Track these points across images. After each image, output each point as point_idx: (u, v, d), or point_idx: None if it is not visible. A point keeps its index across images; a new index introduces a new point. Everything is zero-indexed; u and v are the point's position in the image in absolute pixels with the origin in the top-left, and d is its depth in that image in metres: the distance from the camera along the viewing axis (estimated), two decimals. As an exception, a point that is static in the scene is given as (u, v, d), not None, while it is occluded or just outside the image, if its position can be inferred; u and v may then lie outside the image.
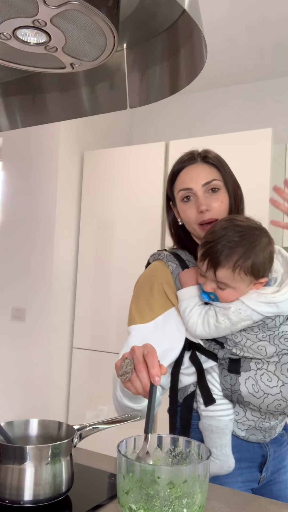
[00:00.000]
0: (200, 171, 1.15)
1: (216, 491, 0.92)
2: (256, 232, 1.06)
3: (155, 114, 3.15)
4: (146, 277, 1.21)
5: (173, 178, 1.20)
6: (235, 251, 1.02)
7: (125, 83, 1.00)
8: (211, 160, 1.17)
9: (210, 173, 1.15)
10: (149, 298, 1.15)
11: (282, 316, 1.04)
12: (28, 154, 2.76)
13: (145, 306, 1.15)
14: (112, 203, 2.69)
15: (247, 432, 1.10)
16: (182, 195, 1.16)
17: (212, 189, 1.14)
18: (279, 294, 1.03)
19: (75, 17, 0.73)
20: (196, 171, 1.15)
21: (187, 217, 1.16)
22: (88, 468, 1.00)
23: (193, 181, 1.14)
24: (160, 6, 0.84)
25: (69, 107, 1.11)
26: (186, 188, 1.15)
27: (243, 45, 2.52)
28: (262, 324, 1.04)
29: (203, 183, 1.14)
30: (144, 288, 1.18)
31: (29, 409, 2.63)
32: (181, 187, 1.16)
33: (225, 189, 1.17)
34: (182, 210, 1.18)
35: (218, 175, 1.16)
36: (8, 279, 2.78)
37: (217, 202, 1.14)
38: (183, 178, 1.17)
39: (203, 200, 1.13)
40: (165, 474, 0.69)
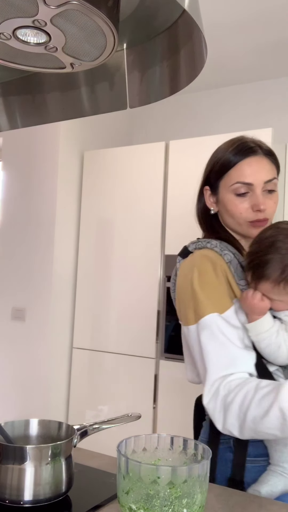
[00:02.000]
0: (264, 166, 1.07)
1: (216, 491, 0.92)
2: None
3: (155, 114, 3.15)
4: (204, 264, 1.06)
5: (227, 166, 1.09)
6: (281, 264, 0.95)
7: (125, 83, 1.00)
8: (268, 154, 1.09)
9: (272, 170, 1.08)
10: (217, 285, 1.04)
11: None
12: (28, 154, 2.76)
13: (216, 293, 1.03)
14: (112, 203, 2.69)
15: None
16: (237, 188, 1.07)
17: (269, 190, 1.08)
18: None
19: (75, 17, 0.73)
20: (260, 165, 1.07)
21: (237, 211, 1.09)
22: (88, 468, 1.00)
23: (256, 176, 1.06)
24: (160, 6, 0.84)
25: (69, 107, 1.11)
26: (246, 182, 1.06)
27: (243, 45, 2.52)
28: None
29: (266, 180, 1.06)
30: (207, 275, 1.04)
31: (29, 409, 2.63)
32: (239, 179, 1.07)
33: (277, 188, 1.11)
34: (232, 203, 1.09)
35: (275, 172, 1.10)
36: (8, 279, 2.78)
37: (271, 202, 1.08)
38: (244, 170, 1.07)
39: (262, 198, 1.06)
40: (165, 474, 0.69)
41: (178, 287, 1.12)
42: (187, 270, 1.08)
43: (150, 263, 2.53)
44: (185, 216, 2.46)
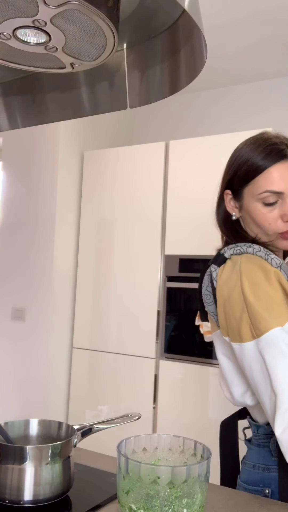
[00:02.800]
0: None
1: (216, 491, 0.92)
2: None
3: (155, 114, 3.15)
4: (254, 271, 0.95)
5: (255, 173, 1.00)
6: None
7: (125, 83, 1.00)
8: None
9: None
10: (273, 294, 0.93)
11: None
12: (28, 154, 2.76)
13: (274, 304, 0.92)
14: (112, 203, 2.69)
15: None
16: (266, 197, 0.99)
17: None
18: None
19: (75, 17, 0.73)
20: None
21: (266, 222, 1.00)
22: (88, 468, 1.00)
23: (286, 184, 0.98)
24: (160, 6, 0.84)
25: (69, 107, 1.11)
26: (276, 191, 0.98)
27: (243, 45, 2.53)
28: None
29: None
30: (260, 284, 0.94)
31: (29, 409, 2.63)
32: (269, 187, 0.98)
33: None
34: (259, 213, 1.01)
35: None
36: (8, 279, 2.78)
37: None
38: (274, 177, 0.98)
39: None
40: (165, 474, 0.69)
41: (221, 299, 0.99)
42: (233, 279, 0.96)
43: (150, 263, 2.53)
44: (185, 216, 2.46)
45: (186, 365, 2.41)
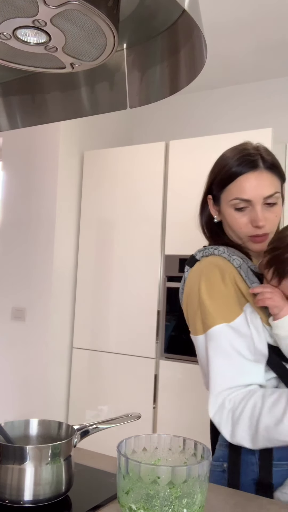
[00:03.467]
0: (264, 181, 1.04)
1: (216, 491, 0.92)
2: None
3: (155, 114, 3.15)
4: (212, 272, 1.05)
5: (228, 180, 1.07)
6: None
7: (125, 83, 1.00)
8: (271, 166, 1.05)
9: (272, 184, 1.05)
10: (225, 293, 1.02)
11: None
12: (28, 154, 2.76)
13: (224, 302, 1.01)
14: (112, 203, 2.69)
15: None
16: (236, 203, 1.05)
17: (269, 203, 1.05)
18: None
19: (75, 17, 0.73)
20: (259, 182, 1.04)
21: (237, 226, 1.07)
22: (88, 468, 1.00)
23: (254, 192, 1.03)
24: (160, 6, 0.84)
25: (69, 107, 1.11)
26: (244, 199, 1.04)
27: (243, 45, 2.53)
28: None
29: (265, 196, 1.03)
30: (215, 283, 1.03)
31: (29, 409, 2.63)
32: (238, 195, 1.05)
33: (281, 199, 1.08)
34: (232, 217, 1.08)
35: (278, 184, 1.07)
36: (8, 279, 2.78)
37: (272, 216, 1.06)
38: (243, 186, 1.04)
39: (261, 214, 1.03)
40: (165, 474, 0.69)
41: (185, 296, 1.09)
42: (195, 278, 1.06)
43: (150, 263, 2.53)
44: (185, 216, 2.46)
45: (186, 365, 2.41)
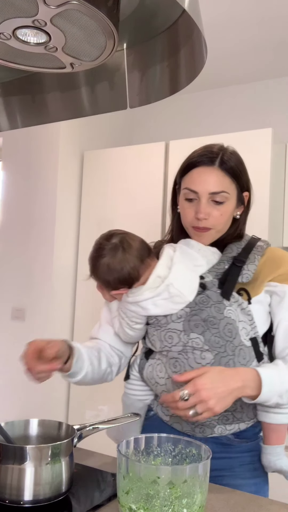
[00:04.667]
0: (213, 178, 1.10)
1: (216, 491, 0.92)
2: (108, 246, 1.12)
3: (155, 114, 3.15)
4: None
5: (185, 170, 1.15)
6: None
7: (125, 83, 1.00)
8: (228, 169, 1.12)
9: (222, 183, 1.11)
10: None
11: (174, 314, 1.08)
12: (28, 154, 2.76)
13: None
14: (112, 203, 2.69)
15: (171, 418, 1.12)
16: (186, 193, 1.13)
17: (217, 200, 1.11)
18: (135, 294, 1.08)
19: (75, 17, 0.73)
20: (208, 176, 1.10)
21: (184, 215, 1.15)
22: (88, 468, 1.00)
23: (202, 186, 1.10)
24: (160, 6, 0.84)
25: (69, 107, 1.11)
26: (192, 190, 1.11)
27: (243, 45, 2.52)
28: (155, 321, 1.10)
29: (211, 192, 1.10)
30: None
31: (29, 409, 2.63)
32: (188, 185, 1.13)
33: (233, 201, 1.14)
34: (182, 207, 1.16)
35: (230, 186, 1.12)
36: (8, 279, 2.78)
37: (217, 213, 1.11)
38: (194, 178, 1.12)
39: (204, 208, 1.10)
40: (165, 474, 0.69)
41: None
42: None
43: (150, 263, 2.53)
44: (185, 216, 2.45)
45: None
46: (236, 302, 1.08)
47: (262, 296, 1.10)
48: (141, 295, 1.08)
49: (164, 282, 1.07)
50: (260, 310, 1.10)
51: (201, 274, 1.11)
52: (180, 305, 1.08)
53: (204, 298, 1.07)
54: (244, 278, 1.09)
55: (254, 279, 1.11)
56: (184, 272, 1.09)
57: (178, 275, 1.08)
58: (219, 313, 1.06)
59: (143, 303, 1.09)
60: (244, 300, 1.09)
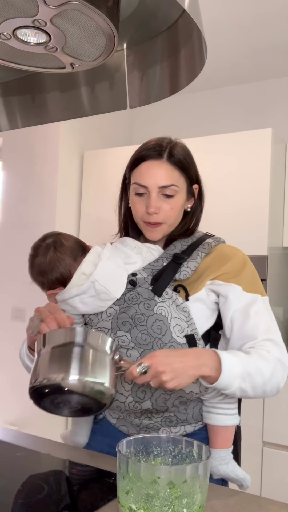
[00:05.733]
0: (162, 171, 1.09)
1: (216, 491, 0.92)
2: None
3: (155, 114, 3.15)
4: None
5: (134, 163, 1.14)
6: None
7: (125, 83, 1.00)
8: (177, 162, 1.11)
9: (171, 177, 1.10)
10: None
11: (103, 313, 1.07)
12: (28, 154, 2.76)
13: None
14: (112, 203, 2.69)
15: (118, 421, 1.10)
16: (135, 188, 1.12)
17: (167, 194, 1.10)
18: (63, 292, 1.08)
19: (75, 17, 0.73)
20: (157, 170, 1.09)
21: (135, 210, 1.14)
22: (88, 468, 1.00)
23: (151, 180, 1.09)
24: (160, 6, 0.84)
25: (69, 107, 1.11)
26: (141, 184, 1.10)
27: (242, 45, 2.52)
28: (89, 321, 1.10)
29: (160, 186, 1.09)
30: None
31: (29, 409, 2.63)
32: (137, 180, 1.12)
33: (183, 194, 1.13)
34: (132, 202, 1.15)
35: (179, 179, 1.11)
36: (8, 279, 2.78)
37: (167, 207, 1.10)
38: (142, 173, 1.11)
39: (154, 202, 1.09)
40: (165, 474, 0.69)
41: (237, 256, 1.16)
42: (237, 250, 1.16)
43: (150, 263, 2.52)
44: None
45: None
46: (170, 299, 1.05)
47: (202, 294, 1.07)
48: (67, 292, 1.06)
49: (89, 279, 1.05)
50: (200, 308, 1.07)
51: (134, 271, 1.09)
52: (107, 302, 1.06)
53: (134, 295, 1.05)
54: (181, 275, 1.07)
55: (196, 277, 1.08)
56: (111, 269, 1.07)
57: (103, 272, 1.06)
58: (148, 310, 1.03)
59: (70, 301, 1.07)
60: (180, 297, 1.06)
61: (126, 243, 1.15)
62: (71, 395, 0.85)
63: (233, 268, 1.09)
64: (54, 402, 0.88)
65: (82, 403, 0.86)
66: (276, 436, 2.14)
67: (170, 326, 1.02)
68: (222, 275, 1.08)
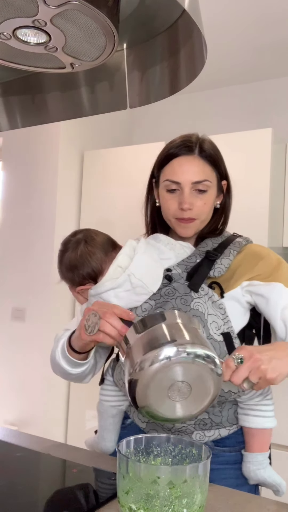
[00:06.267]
0: (195, 167, 1.09)
1: (216, 491, 0.92)
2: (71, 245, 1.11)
3: (155, 114, 3.14)
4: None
5: (163, 161, 1.14)
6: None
7: (125, 83, 1.00)
8: (208, 156, 1.10)
9: (204, 172, 1.09)
10: None
11: (139, 308, 1.04)
12: (28, 154, 2.76)
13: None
14: (112, 203, 2.69)
15: (147, 425, 1.08)
16: (167, 185, 1.11)
17: (200, 189, 1.09)
18: (97, 286, 1.05)
19: (75, 17, 0.73)
20: (190, 166, 1.09)
21: (167, 207, 1.13)
22: (88, 468, 1.00)
23: (184, 176, 1.08)
24: (160, 6, 0.84)
25: (69, 107, 1.11)
26: (174, 181, 1.09)
27: (243, 45, 2.52)
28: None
29: (194, 181, 1.08)
30: None
31: (29, 409, 2.63)
32: (169, 177, 1.11)
33: (214, 189, 1.12)
34: (164, 199, 1.13)
35: (211, 174, 1.11)
36: (8, 279, 2.78)
37: (201, 203, 1.09)
38: (175, 169, 1.10)
39: (187, 198, 1.08)
40: (165, 474, 0.69)
41: (268, 252, 1.14)
42: (266, 249, 1.16)
43: (150, 263, 2.52)
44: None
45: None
46: (206, 295, 1.03)
47: (237, 293, 1.05)
48: (102, 286, 1.03)
49: (125, 272, 1.02)
50: (234, 306, 1.05)
51: (168, 266, 1.07)
52: (143, 296, 1.03)
53: (170, 290, 1.03)
54: (216, 272, 1.05)
55: (230, 275, 1.07)
56: (147, 262, 1.05)
57: (140, 265, 1.03)
58: (185, 305, 1.00)
59: (104, 295, 1.03)
60: (215, 293, 1.04)
61: (159, 239, 1.13)
62: (182, 370, 0.76)
63: (268, 267, 1.07)
64: (160, 388, 0.77)
65: (193, 378, 0.76)
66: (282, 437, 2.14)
67: (207, 323, 1.00)
68: (259, 275, 1.06)
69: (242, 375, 0.81)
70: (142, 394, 0.77)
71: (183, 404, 0.79)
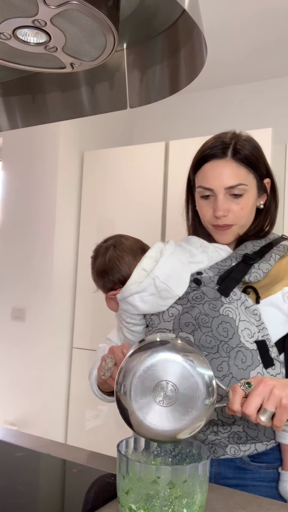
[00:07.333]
0: (227, 171, 1.01)
1: (216, 491, 0.92)
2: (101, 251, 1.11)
3: (155, 114, 3.15)
4: None
5: (196, 165, 1.07)
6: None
7: (125, 83, 1.00)
8: (243, 158, 1.02)
9: (238, 176, 1.02)
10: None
11: (165, 313, 1.01)
12: (28, 154, 2.76)
13: None
14: (112, 203, 2.69)
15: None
16: (200, 191, 1.06)
17: (235, 194, 1.02)
18: (122, 290, 1.03)
19: (75, 17, 0.73)
20: (222, 170, 1.02)
21: (202, 214, 1.08)
22: (88, 468, 1.00)
23: (216, 181, 1.02)
24: (160, 6, 0.84)
25: (69, 107, 1.11)
26: (207, 187, 1.04)
27: (243, 45, 2.52)
28: (150, 322, 1.04)
29: (227, 186, 1.02)
30: None
31: (29, 409, 2.63)
32: (201, 183, 1.05)
33: (253, 191, 1.05)
34: (199, 205, 1.09)
35: (246, 176, 1.03)
36: (8, 279, 2.78)
37: (237, 208, 1.03)
38: (207, 174, 1.04)
39: (221, 204, 1.02)
40: (165, 474, 0.69)
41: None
42: None
43: (150, 263, 2.52)
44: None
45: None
46: (238, 300, 0.97)
47: (277, 299, 0.98)
48: (126, 290, 1.00)
49: (149, 276, 0.99)
50: (273, 313, 0.98)
51: (199, 270, 1.03)
52: (168, 300, 0.99)
53: (199, 294, 0.98)
54: (251, 277, 0.99)
55: (269, 280, 1.00)
56: (173, 265, 1.01)
57: (164, 268, 1.00)
58: (214, 311, 0.95)
59: (130, 299, 1.00)
60: (250, 299, 0.98)
61: (191, 241, 1.09)
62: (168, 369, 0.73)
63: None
64: (145, 387, 0.74)
65: (178, 380, 0.74)
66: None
67: (238, 330, 0.94)
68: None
69: (254, 403, 0.73)
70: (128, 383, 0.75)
71: (170, 411, 0.74)
